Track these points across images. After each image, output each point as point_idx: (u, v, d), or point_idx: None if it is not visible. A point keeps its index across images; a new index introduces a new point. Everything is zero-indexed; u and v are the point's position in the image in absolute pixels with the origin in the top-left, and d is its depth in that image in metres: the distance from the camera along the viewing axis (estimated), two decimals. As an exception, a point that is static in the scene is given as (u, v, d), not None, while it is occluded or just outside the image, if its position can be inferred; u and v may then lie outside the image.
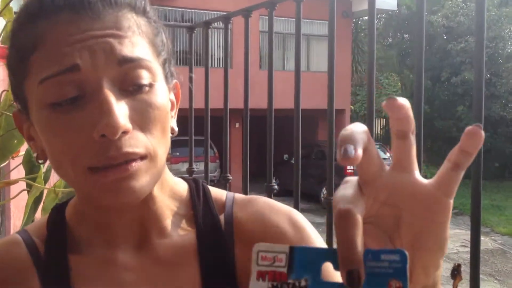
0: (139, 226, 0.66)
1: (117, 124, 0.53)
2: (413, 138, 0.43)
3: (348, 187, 0.42)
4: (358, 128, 0.41)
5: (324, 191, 13.32)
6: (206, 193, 0.71)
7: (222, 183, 2.02)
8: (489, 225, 11.86)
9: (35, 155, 0.64)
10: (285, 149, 12.99)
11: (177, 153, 14.08)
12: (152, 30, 0.62)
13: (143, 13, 0.62)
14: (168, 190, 0.68)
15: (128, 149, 0.55)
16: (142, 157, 0.57)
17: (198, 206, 0.69)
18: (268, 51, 1.80)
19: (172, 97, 0.68)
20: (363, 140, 0.40)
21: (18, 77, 0.60)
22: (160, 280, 0.65)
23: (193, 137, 2.21)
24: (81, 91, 0.56)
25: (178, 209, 0.69)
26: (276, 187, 1.80)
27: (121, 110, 0.55)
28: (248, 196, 0.72)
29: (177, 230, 0.67)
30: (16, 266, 0.65)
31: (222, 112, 1.98)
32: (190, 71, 2.06)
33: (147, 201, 0.64)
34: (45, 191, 1.39)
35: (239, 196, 0.72)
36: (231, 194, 0.73)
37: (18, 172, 1.58)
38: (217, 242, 0.67)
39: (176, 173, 0.74)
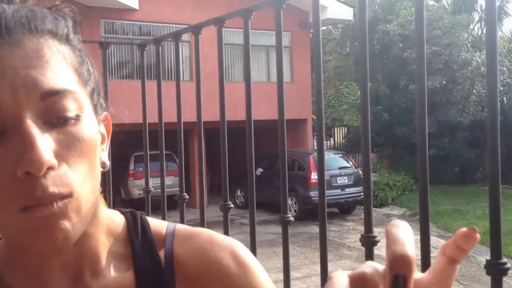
0: (72, 269, 0.61)
1: (42, 159, 0.49)
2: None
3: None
4: (411, 243, 0.42)
5: (290, 201, 13.41)
6: (145, 228, 0.67)
7: (179, 202, 2.00)
8: (451, 230, 12.09)
9: None
10: (255, 161, 12.96)
11: (140, 169, 13.91)
12: (77, 58, 0.58)
13: (66, 40, 0.58)
14: (104, 227, 0.64)
15: (54, 189, 0.51)
16: (69, 196, 0.53)
17: (136, 243, 0.65)
18: (218, 65, 1.80)
19: (103, 129, 0.64)
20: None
21: None
22: None
23: (148, 154, 2.19)
24: (2, 126, 0.51)
25: (114, 247, 0.65)
26: (231, 206, 1.79)
27: (45, 144, 0.51)
28: (189, 230, 0.68)
29: (114, 270, 0.63)
30: None
31: (185, 126, 1.96)
32: (143, 85, 2.06)
33: (81, 240, 0.59)
34: None
35: (180, 229, 0.68)
36: (172, 226, 0.69)
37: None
38: (157, 282, 0.64)
39: (141, 188, 0.71)
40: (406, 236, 0.41)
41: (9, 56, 0.52)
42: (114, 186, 2.74)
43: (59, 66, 0.55)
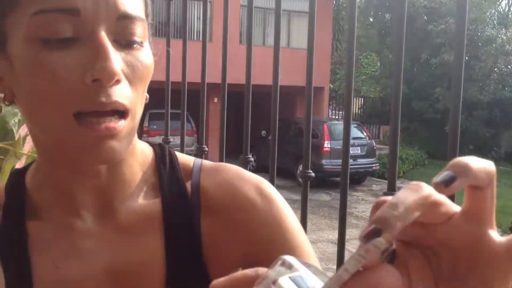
0: (103, 193, 0.64)
1: (114, 69, 0.52)
2: (489, 191, 0.36)
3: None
4: (480, 165, 0.36)
5: (301, 168, 13.34)
6: (173, 160, 0.69)
7: (199, 155, 2.01)
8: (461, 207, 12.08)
9: (1, 95, 0.60)
10: (263, 126, 13.00)
11: (155, 126, 14.00)
12: None
13: None
14: (137, 155, 0.67)
15: (118, 98, 0.54)
16: (126, 114, 0.56)
17: (163, 173, 0.67)
18: (247, 27, 1.78)
19: None
20: (475, 179, 0.35)
21: (2, 9, 0.56)
22: (121, 247, 0.63)
23: (169, 110, 2.19)
24: (76, 33, 0.54)
25: (144, 175, 0.67)
26: (252, 159, 1.79)
27: (116, 57, 0.54)
28: (216, 164, 0.70)
29: (142, 198, 0.66)
30: None
31: (200, 86, 1.96)
32: (168, 43, 2.03)
33: (116, 165, 0.63)
34: (23, 158, 1.36)
35: (207, 163, 0.70)
36: (198, 160, 0.70)
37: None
38: (183, 211, 0.65)
39: None
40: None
41: None
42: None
43: None
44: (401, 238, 0.37)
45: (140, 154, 0.67)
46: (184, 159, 0.70)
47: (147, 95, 0.63)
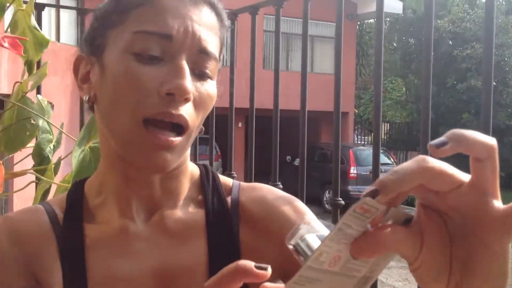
0: (155, 202, 0.72)
1: (187, 88, 0.62)
2: (490, 162, 0.40)
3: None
4: (478, 138, 0.40)
5: (327, 194, 13.28)
6: (215, 178, 0.77)
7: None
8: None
9: (85, 98, 0.70)
10: (287, 151, 12.96)
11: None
12: (224, 41, 0.73)
13: (224, 27, 0.73)
14: (188, 173, 0.75)
15: (184, 113, 0.63)
16: (185, 131, 0.65)
17: (207, 190, 0.75)
18: (274, 50, 1.78)
19: None
20: (469, 149, 0.40)
21: (109, 24, 0.67)
22: (169, 251, 0.70)
23: (197, 135, 2.20)
24: (163, 55, 0.64)
25: (190, 191, 0.75)
26: (281, 186, 1.78)
27: (190, 79, 0.64)
28: (253, 183, 0.78)
29: (188, 208, 0.73)
30: (37, 231, 0.72)
31: (225, 111, 1.96)
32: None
33: (171, 179, 0.72)
34: (54, 185, 1.39)
35: (244, 183, 0.79)
36: (237, 181, 0.79)
37: (21, 165, 1.57)
38: (224, 221, 0.72)
39: None
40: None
41: (191, 10, 0.66)
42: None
43: (216, 37, 0.69)
44: (422, 203, 0.42)
45: (189, 173, 0.76)
46: (225, 179, 0.79)
47: (203, 127, 0.72)
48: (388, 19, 21.15)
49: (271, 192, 0.75)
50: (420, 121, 1.28)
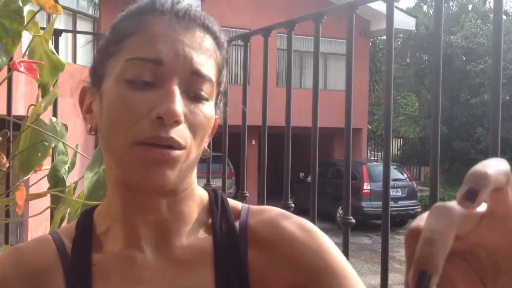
0: (163, 228, 0.71)
1: (175, 111, 0.62)
2: (508, 189, 0.37)
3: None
4: (496, 168, 0.37)
5: (340, 210, 13.24)
6: (224, 202, 0.77)
7: (239, 199, 2.00)
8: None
9: (88, 127, 0.72)
10: (301, 167, 12.94)
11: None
12: (222, 63, 0.73)
13: (221, 46, 0.73)
14: (196, 199, 0.74)
15: (174, 136, 0.63)
16: (181, 149, 0.65)
17: (216, 214, 0.75)
18: (286, 69, 1.80)
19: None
20: (495, 184, 0.36)
21: (107, 55, 0.69)
22: (176, 279, 0.70)
23: (211, 154, 2.21)
24: (155, 79, 0.65)
25: (199, 215, 0.74)
26: (292, 205, 1.78)
27: (181, 103, 0.64)
28: (262, 206, 0.77)
29: (196, 234, 0.73)
30: (45, 261, 0.72)
31: (238, 129, 1.98)
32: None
33: (177, 204, 0.71)
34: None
35: (253, 206, 0.78)
36: (246, 205, 0.78)
37: (37, 186, 1.58)
38: (232, 246, 0.72)
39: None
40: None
41: (182, 34, 0.67)
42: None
43: (210, 59, 0.69)
44: None
45: (197, 197, 0.75)
46: (234, 203, 0.78)
47: (208, 149, 0.73)
48: (401, 35, 21.17)
49: (280, 214, 0.74)
50: (431, 135, 1.29)
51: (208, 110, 0.68)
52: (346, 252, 1.53)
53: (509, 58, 16.87)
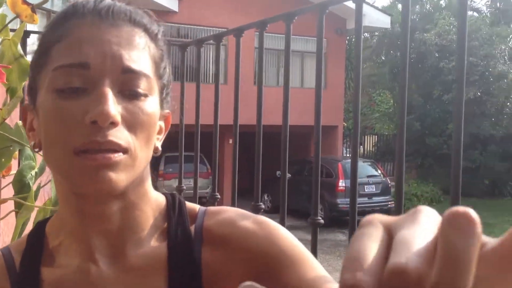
0: (116, 237, 0.69)
1: (109, 113, 0.60)
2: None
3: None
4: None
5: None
6: (182, 207, 0.75)
7: (211, 201, 2.02)
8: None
9: (32, 143, 0.70)
10: (278, 166, 12.90)
11: (170, 169, 14.01)
12: (159, 54, 0.70)
13: (155, 38, 0.70)
14: (150, 202, 0.73)
15: (113, 138, 0.61)
16: (124, 151, 0.62)
17: (172, 219, 0.73)
18: (258, 70, 1.82)
19: (162, 124, 0.74)
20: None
21: (37, 69, 0.67)
22: None
23: (183, 154, 2.22)
24: (85, 84, 0.63)
25: (155, 220, 0.73)
26: (262, 206, 1.80)
27: (114, 104, 0.62)
28: (220, 207, 0.76)
29: (151, 241, 0.71)
30: None
31: (218, 128, 1.99)
32: (182, 86, 2.09)
33: (128, 210, 0.69)
34: (35, 210, 1.38)
35: (211, 207, 0.77)
36: (204, 207, 0.77)
37: (8, 190, 1.57)
38: (186, 250, 0.70)
39: (169, 189, 0.77)
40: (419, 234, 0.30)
41: (108, 33, 0.65)
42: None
43: (143, 53, 0.67)
44: None
45: (153, 201, 0.73)
46: (192, 206, 0.77)
47: (159, 147, 0.71)
48: (377, 33, 21.36)
49: (237, 213, 0.73)
50: (397, 132, 1.32)
51: (149, 107, 0.65)
52: (314, 251, 1.56)
53: (480, 55, 17.18)
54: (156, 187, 0.76)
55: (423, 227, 0.30)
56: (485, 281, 0.27)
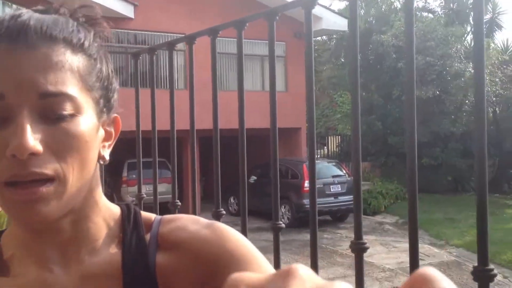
0: (69, 247, 0.69)
1: (26, 145, 0.58)
2: None
3: None
4: None
5: (283, 209, 13.37)
6: (137, 216, 0.75)
7: (171, 209, 2.00)
8: (444, 238, 12.13)
9: None
10: (248, 169, 12.92)
11: (134, 176, 13.88)
12: (87, 66, 0.67)
13: (81, 49, 0.66)
14: (102, 213, 0.73)
15: (35, 169, 0.60)
16: (51, 180, 0.61)
17: (127, 228, 0.73)
18: (212, 74, 1.83)
19: (111, 128, 0.73)
20: None
21: None
22: None
23: (141, 160, 2.20)
24: (5, 114, 0.61)
25: (110, 230, 0.73)
26: (223, 212, 1.79)
27: (33, 133, 0.60)
28: (175, 215, 0.76)
29: (105, 250, 0.71)
30: None
31: (178, 133, 1.97)
32: (137, 93, 2.08)
33: (80, 222, 0.69)
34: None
35: (166, 216, 0.77)
36: (159, 216, 0.77)
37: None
38: (141, 257, 0.71)
39: (134, 195, 0.76)
40: None
41: (23, 57, 0.61)
42: (107, 193, 2.74)
43: (63, 72, 0.63)
44: None
45: (105, 212, 0.73)
46: (147, 215, 0.77)
47: (106, 157, 0.71)
48: (335, 36, 21.64)
49: (191, 219, 0.74)
50: (352, 137, 1.34)
51: (77, 127, 0.63)
52: (277, 254, 1.57)
53: (437, 55, 17.60)
54: (121, 194, 0.75)
55: None
56: None
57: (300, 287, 0.27)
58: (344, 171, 14.69)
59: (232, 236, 0.71)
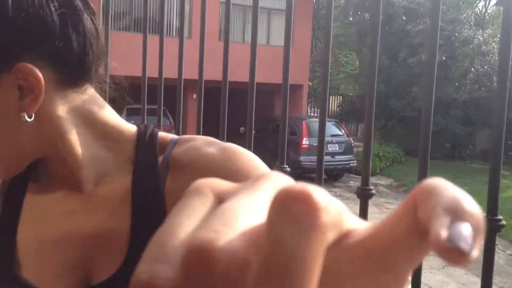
0: (74, 175, 0.71)
1: None
2: None
3: None
4: None
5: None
6: (153, 136, 0.75)
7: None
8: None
9: None
10: (243, 122, 12.95)
11: (132, 122, 13.83)
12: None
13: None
14: (106, 139, 0.72)
15: None
16: None
17: (140, 149, 0.73)
18: (224, 23, 1.78)
19: (19, 83, 0.63)
20: None
21: None
22: (93, 214, 0.71)
23: (146, 106, 2.18)
24: None
25: (119, 152, 0.73)
26: None
27: None
28: (191, 135, 0.76)
29: (116, 170, 0.72)
30: None
31: (177, 82, 1.95)
32: (144, 38, 2.04)
33: (68, 155, 0.69)
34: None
35: (183, 136, 0.76)
36: (176, 136, 0.76)
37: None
38: (151, 179, 0.71)
39: None
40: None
41: None
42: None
43: None
44: None
45: (114, 134, 0.73)
46: (164, 135, 0.76)
47: (26, 116, 0.63)
48: (345, -8, 21.24)
49: (205, 140, 0.73)
50: (366, 93, 1.33)
51: None
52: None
53: (447, 19, 17.32)
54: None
55: (261, 197, 0.22)
56: (350, 280, 0.21)
57: (273, 185, 0.23)
58: (343, 131, 14.71)
59: (243, 155, 0.70)
